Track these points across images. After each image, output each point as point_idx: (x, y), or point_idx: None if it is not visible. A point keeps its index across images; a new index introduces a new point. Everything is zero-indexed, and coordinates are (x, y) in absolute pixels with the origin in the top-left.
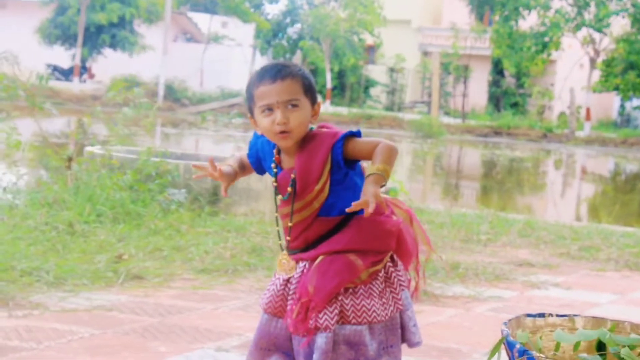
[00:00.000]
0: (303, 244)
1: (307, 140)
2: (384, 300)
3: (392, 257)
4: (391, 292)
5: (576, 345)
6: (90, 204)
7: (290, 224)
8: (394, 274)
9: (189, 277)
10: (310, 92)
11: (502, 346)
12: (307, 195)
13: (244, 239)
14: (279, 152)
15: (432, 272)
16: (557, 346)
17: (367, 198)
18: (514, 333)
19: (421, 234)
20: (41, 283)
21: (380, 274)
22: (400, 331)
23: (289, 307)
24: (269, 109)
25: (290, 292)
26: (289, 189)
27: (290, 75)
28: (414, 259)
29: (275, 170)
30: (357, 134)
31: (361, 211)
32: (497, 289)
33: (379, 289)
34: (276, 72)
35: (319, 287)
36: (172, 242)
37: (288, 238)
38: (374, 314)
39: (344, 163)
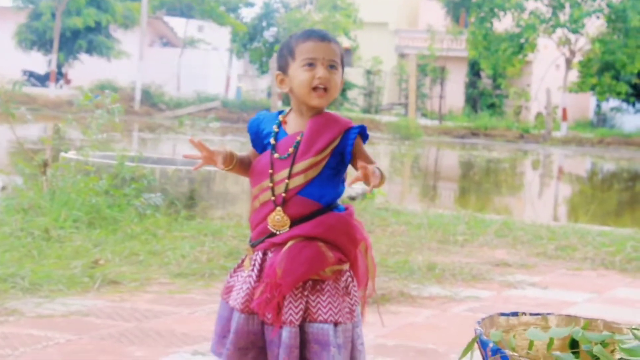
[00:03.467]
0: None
1: (323, 113)
2: (345, 304)
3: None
4: (348, 302)
5: (549, 344)
6: (66, 210)
7: (287, 181)
8: (351, 285)
9: (166, 281)
10: (342, 64)
11: (476, 345)
12: (303, 162)
13: (221, 242)
14: (286, 117)
15: (409, 272)
16: (531, 345)
17: (372, 169)
18: (488, 332)
19: (371, 268)
20: (17, 289)
21: (343, 278)
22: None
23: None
24: (311, 64)
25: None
26: (291, 149)
27: (334, 41)
28: (363, 287)
29: (277, 130)
30: (366, 136)
31: (337, 208)
32: (474, 289)
33: (342, 292)
34: (324, 34)
35: (288, 270)
36: (149, 247)
37: (284, 194)
38: (339, 313)
39: (350, 157)
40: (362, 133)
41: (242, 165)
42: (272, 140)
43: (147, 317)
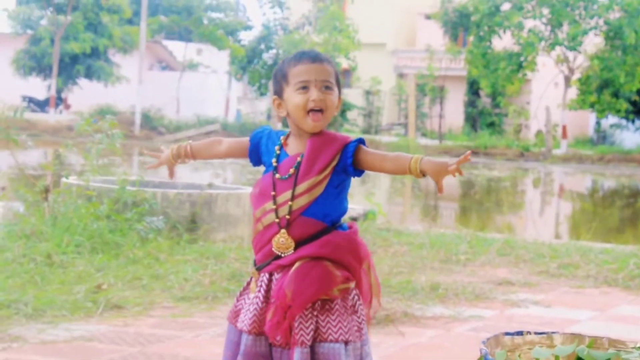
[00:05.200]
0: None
1: (321, 133)
2: (354, 322)
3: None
4: (356, 320)
5: None
6: (68, 235)
7: (290, 203)
8: (358, 303)
9: (169, 305)
10: (338, 83)
11: None
12: (305, 182)
13: (223, 265)
14: (287, 139)
15: (412, 293)
16: None
17: (452, 165)
18: (493, 352)
19: (375, 286)
20: (20, 315)
21: (350, 297)
22: None
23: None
24: (305, 87)
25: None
26: (292, 170)
27: (327, 61)
28: (367, 305)
29: (278, 152)
30: (364, 143)
31: (340, 227)
32: (477, 308)
33: (350, 310)
34: (316, 55)
35: (297, 291)
36: (151, 271)
37: (288, 216)
38: (350, 332)
39: (352, 169)
40: (361, 144)
41: (201, 152)
42: (274, 162)
43: (151, 342)
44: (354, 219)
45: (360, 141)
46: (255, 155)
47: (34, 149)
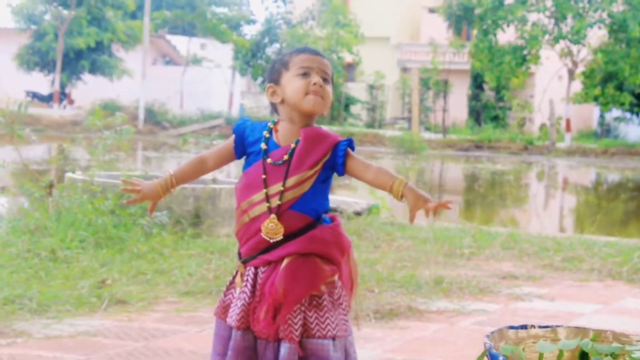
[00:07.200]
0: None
1: (314, 127)
2: (341, 316)
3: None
4: (342, 312)
5: (559, 356)
6: (73, 230)
7: (282, 188)
8: (342, 295)
9: (173, 300)
10: (332, 82)
11: (485, 359)
12: (296, 175)
13: (227, 260)
14: (276, 126)
15: (416, 287)
16: (540, 357)
17: (433, 203)
18: (497, 346)
19: (354, 270)
20: (24, 311)
21: (336, 290)
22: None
23: (257, 312)
24: (306, 73)
25: (257, 300)
26: (286, 156)
27: (327, 58)
28: (348, 290)
29: (267, 135)
30: (352, 148)
31: (325, 220)
32: (482, 302)
33: (337, 303)
34: (318, 50)
35: (289, 289)
36: (155, 266)
37: (279, 202)
38: (337, 327)
39: (342, 168)
40: (350, 146)
41: (187, 177)
42: (263, 145)
43: (155, 336)
44: (359, 214)
45: (350, 143)
46: (241, 146)
47: (37, 143)
